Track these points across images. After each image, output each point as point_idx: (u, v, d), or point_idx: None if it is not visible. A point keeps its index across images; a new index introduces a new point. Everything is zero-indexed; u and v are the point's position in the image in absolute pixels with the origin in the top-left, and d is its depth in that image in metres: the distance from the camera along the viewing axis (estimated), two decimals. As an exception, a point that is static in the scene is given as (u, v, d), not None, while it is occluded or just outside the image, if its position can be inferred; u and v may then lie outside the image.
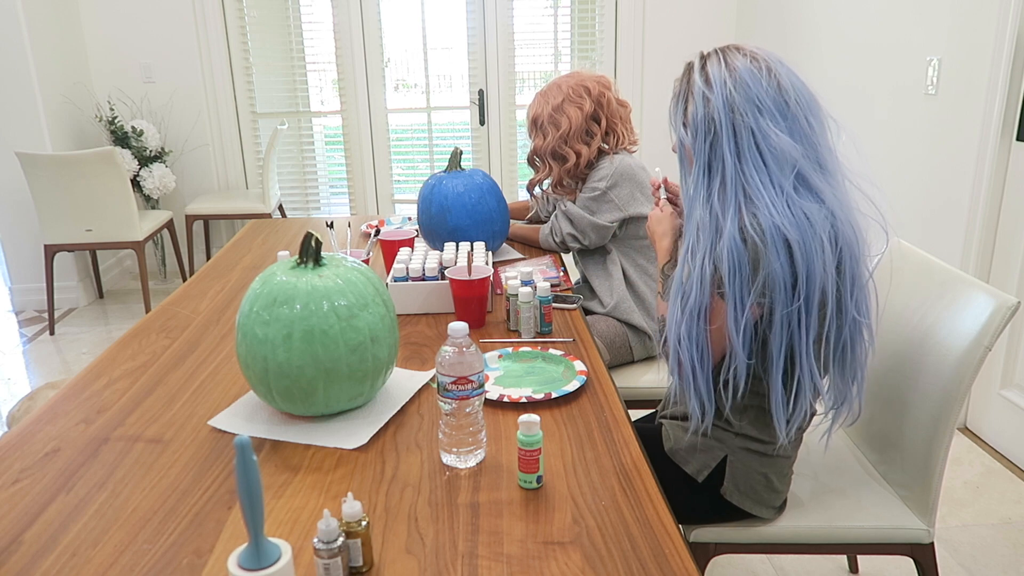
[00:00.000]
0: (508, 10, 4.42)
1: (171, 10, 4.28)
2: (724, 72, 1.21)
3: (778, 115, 1.20)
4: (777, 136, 1.19)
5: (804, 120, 1.21)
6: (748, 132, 1.19)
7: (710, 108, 1.21)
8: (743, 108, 1.19)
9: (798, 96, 1.21)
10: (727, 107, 1.20)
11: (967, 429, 2.69)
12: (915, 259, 1.60)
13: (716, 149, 1.21)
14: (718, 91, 1.20)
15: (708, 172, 1.23)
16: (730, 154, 1.20)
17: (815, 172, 1.21)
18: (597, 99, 2.13)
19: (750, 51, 1.23)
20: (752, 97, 1.19)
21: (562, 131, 2.11)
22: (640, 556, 0.97)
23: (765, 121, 1.19)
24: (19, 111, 3.83)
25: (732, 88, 1.20)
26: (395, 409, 1.35)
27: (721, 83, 1.20)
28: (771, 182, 1.19)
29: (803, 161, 1.20)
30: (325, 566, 0.91)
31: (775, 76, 1.21)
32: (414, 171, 4.82)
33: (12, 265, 4.16)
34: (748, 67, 1.21)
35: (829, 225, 1.19)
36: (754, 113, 1.19)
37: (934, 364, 1.41)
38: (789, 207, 1.17)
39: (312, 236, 1.29)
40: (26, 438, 1.30)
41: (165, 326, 1.79)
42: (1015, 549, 2.08)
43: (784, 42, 3.83)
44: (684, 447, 1.38)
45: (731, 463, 1.36)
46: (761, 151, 1.19)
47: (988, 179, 2.45)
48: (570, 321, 1.76)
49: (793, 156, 1.19)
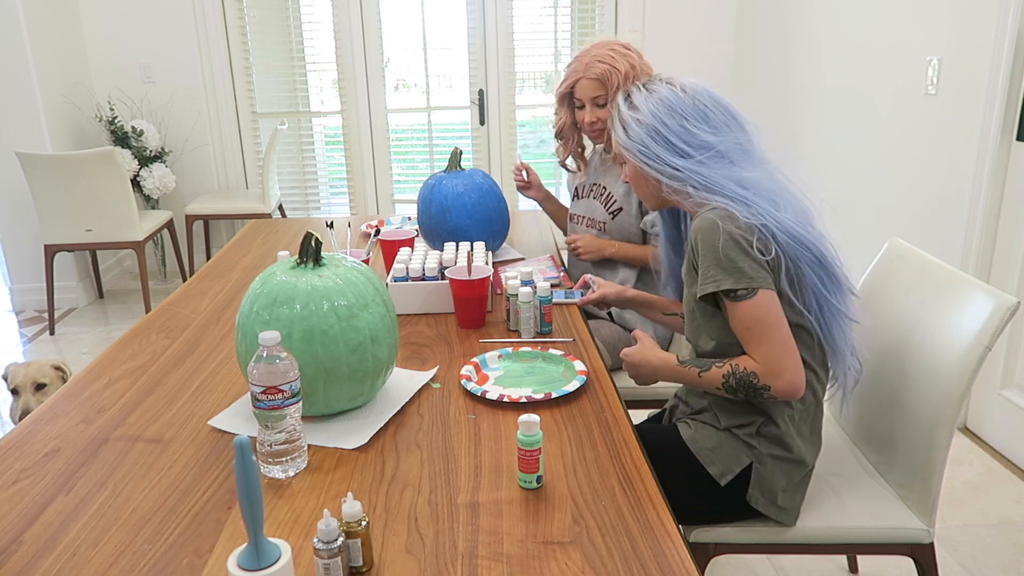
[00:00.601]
0: (508, 10, 4.42)
1: (171, 10, 4.28)
2: (646, 95, 1.42)
3: (700, 120, 1.38)
4: (707, 133, 1.37)
5: (724, 122, 1.39)
6: (679, 137, 1.37)
7: (641, 122, 1.40)
8: (667, 118, 1.38)
9: (715, 103, 1.40)
10: (656, 119, 1.38)
11: (967, 429, 2.69)
12: (915, 259, 1.60)
13: (663, 159, 1.38)
14: (645, 110, 1.40)
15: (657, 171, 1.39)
16: (676, 157, 1.37)
17: (747, 160, 1.38)
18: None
19: (668, 79, 1.44)
20: (675, 108, 1.38)
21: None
22: (640, 556, 0.97)
23: (691, 124, 1.37)
24: (19, 111, 3.83)
25: (655, 105, 1.39)
26: (395, 409, 1.35)
27: (644, 103, 1.41)
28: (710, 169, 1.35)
29: (735, 151, 1.37)
30: (325, 566, 0.91)
31: (690, 92, 1.40)
32: (414, 171, 4.82)
33: (12, 265, 4.16)
34: (666, 88, 1.41)
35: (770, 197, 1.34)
36: (680, 120, 1.38)
37: (934, 364, 1.41)
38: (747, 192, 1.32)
39: (312, 236, 1.29)
40: (26, 438, 1.30)
41: (165, 326, 1.79)
42: (1015, 549, 2.08)
43: (784, 42, 3.83)
44: (710, 446, 1.39)
45: (757, 470, 1.37)
46: (693, 147, 1.36)
47: (988, 179, 2.45)
48: (570, 321, 1.76)
49: (724, 148, 1.37)
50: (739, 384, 1.31)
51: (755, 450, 1.37)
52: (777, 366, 1.28)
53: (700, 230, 1.32)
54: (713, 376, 1.35)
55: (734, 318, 1.31)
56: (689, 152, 1.37)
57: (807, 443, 1.40)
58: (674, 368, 1.41)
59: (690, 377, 1.39)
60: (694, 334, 1.43)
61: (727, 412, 1.40)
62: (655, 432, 1.48)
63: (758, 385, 1.30)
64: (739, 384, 1.31)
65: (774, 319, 1.28)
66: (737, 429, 1.39)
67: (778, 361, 1.28)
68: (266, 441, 1.15)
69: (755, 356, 1.30)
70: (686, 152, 1.37)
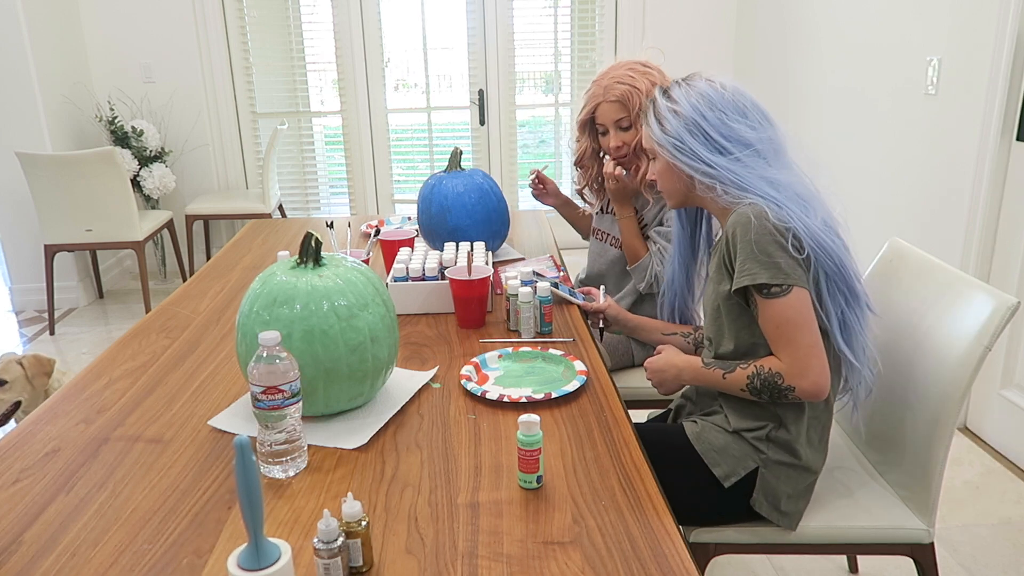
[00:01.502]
0: (508, 10, 4.42)
1: (171, 10, 4.28)
2: (686, 89, 1.40)
3: (739, 116, 1.37)
4: (743, 129, 1.36)
5: (760, 120, 1.38)
6: (717, 131, 1.35)
7: (680, 116, 1.38)
8: (707, 111, 1.36)
9: (752, 101, 1.39)
10: (696, 112, 1.36)
11: (967, 429, 2.69)
12: (915, 259, 1.60)
13: (698, 154, 1.36)
14: (684, 103, 1.38)
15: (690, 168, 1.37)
16: (713, 153, 1.35)
17: (779, 161, 1.38)
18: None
19: (707, 76, 1.41)
20: (715, 103, 1.37)
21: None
22: (640, 556, 0.97)
23: (730, 119, 1.36)
24: (19, 111, 3.83)
25: (696, 99, 1.37)
26: (395, 409, 1.35)
27: (684, 96, 1.39)
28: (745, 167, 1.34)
29: (769, 151, 1.36)
30: (325, 566, 0.91)
31: (730, 88, 1.39)
32: (414, 171, 4.82)
33: (12, 265, 4.16)
34: (705, 83, 1.39)
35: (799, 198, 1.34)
36: (719, 114, 1.36)
37: (934, 364, 1.41)
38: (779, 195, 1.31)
39: (312, 236, 1.29)
40: (26, 438, 1.30)
41: (165, 326, 1.79)
42: (1015, 549, 2.08)
43: (784, 42, 3.83)
44: (717, 447, 1.39)
45: (763, 475, 1.37)
46: (731, 142, 1.35)
47: (988, 179, 2.45)
48: (570, 321, 1.76)
49: (760, 146, 1.35)
50: (763, 385, 1.31)
51: (763, 455, 1.37)
52: (803, 366, 1.28)
53: (736, 224, 1.31)
54: (737, 377, 1.34)
55: (764, 316, 1.30)
56: (727, 148, 1.35)
57: (815, 451, 1.40)
58: (698, 370, 1.41)
59: (714, 379, 1.39)
60: (716, 334, 1.43)
61: (738, 414, 1.40)
62: (658, 431, 1.47)
63: (783, 386, 1.29)
64: (763, 385, 1.31)
65: (804, 319, 1.28)
66: (747, 432, 1.38)
67: (804, 361, 1.27)
68: (266, 441, 1.15)
69: (781, 356, 1.30)
70: (723, 148, 1.36)
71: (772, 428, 1.37)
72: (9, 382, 2.11)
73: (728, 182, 1.34)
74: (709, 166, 1.35)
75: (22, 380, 2.12)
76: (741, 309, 1.36)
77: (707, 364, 1.40)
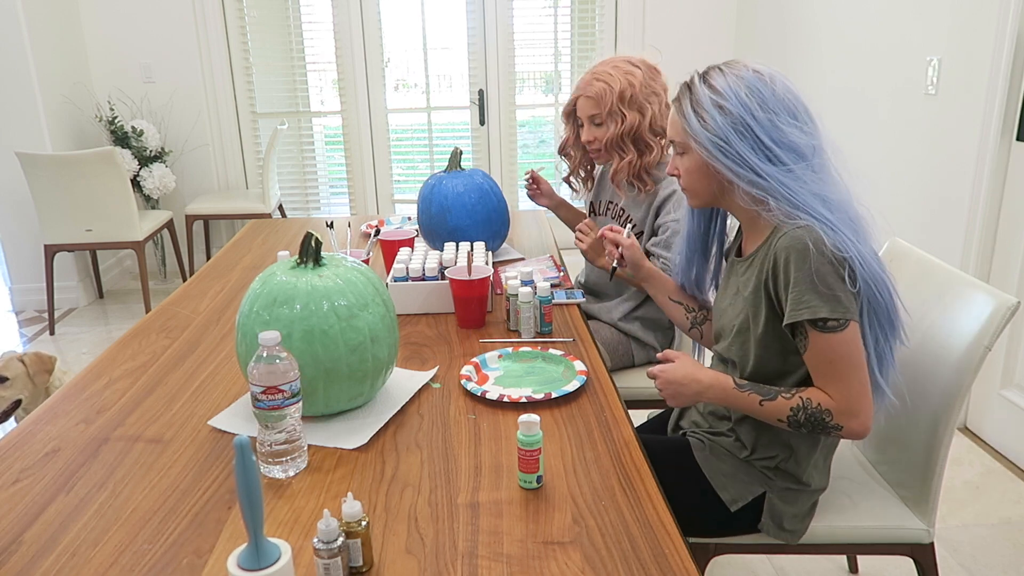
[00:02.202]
0: (508, 10, 4.42)
1: (171, 10, 4.28)
2: (732, 78, 1.24)
3: (791, 117, 1.23)
4: (796, 134, 1.22)
5: (808, 121, 1.25)
6: (768, 135, 1.21)
7: (726, 112, 1.22)
8: (758, 110, 1.22)
9: (802, 102, 1.26)
10: (745, 110, 1.21)
11: (967, 429, 2.69)
12: (915, 259, 1.60)
13: (747, 160, 1.22)
14: (732, 96, 1.22)
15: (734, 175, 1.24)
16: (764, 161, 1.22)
17: (826, 173, 1.26)
18: (665, 93, 1.90)
19: (749, 64, 1.27)
20: (766, 100, 1.22)
21: (650, 115, 1.87)
22: (640, 556, 0.97)
23: (781, 121, 1.22)
24: (19, 111, 3.83)
25: (746, 92, 1.22)
26: (395, 409, 1.35)
27: (730, 88, 1.23)
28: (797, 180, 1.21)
29: (817, 160, 1.24)
30: (325, 566, 0.91)
31: (779, 83, 1.25)
32: (414, 171, 4.82)
33: (12, 265, 4.16)
34: (752, 74, 1.25)
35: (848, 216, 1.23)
36: (770, 114, 1.22)
37: (934, 364, 1.41)
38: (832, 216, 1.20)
39: (312, 236, 1.29)
40: (26, 438, 1.30)
41: (165, 326, 1.79)
42: (1015, 549, 2.08)
43: (784, 42, 3.83)
44: (725, 471, 1.36)
45: (770, 500, 1.36)
46: (783, 149, 1.22)
47: (988, 179, 2.45)
48: (570, 321, 1.76)
49: (810, 151, 1.23)
50: (808, 419, 1.22)
51: (771, 481, 1.35)
52: (856, 406, 1.20)
53: (790, 249, 1.18)
54: (778, 407, 1.23)
55: (815, 349, 1.20)
56: (778, 156, 1.21)
57: (820, 472, 1.38)
58: (728, 391, 1.27)
59: (748, 404, 1.26)
60: (741, 356, 1.33)
61: (751, 442, 1.36)
62: (661, 443, 1.45)
63: (830, 423, 1.21)
64: (808, 419, 1.22)
65: (858, 356, 1.19)
66: (757, 460, 1.36)
67: (857, 401, 1.20)
68: (266, 441, 1.15)
69: (831, 392, 1.21)
70: (775, 156, 1.21)
71: (783, 459, 1.34)
72: (10, 379, 2.11)
73: (780, 197, 1.20)
74: (759, 176, 1.21)
75: (23, 377, 2.12)
76: (776, 335, 1.26)
77: (740, 386, 1.27)
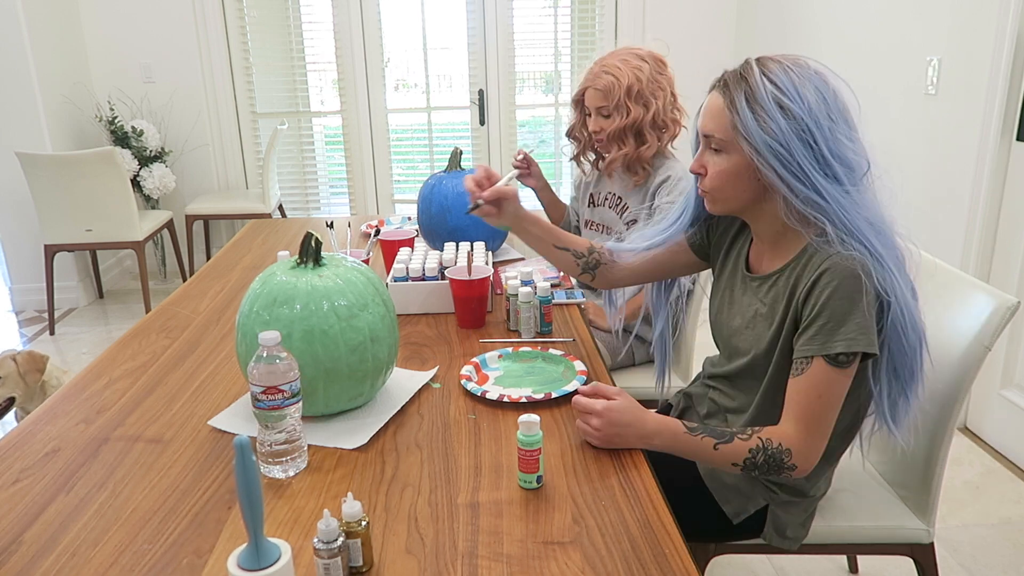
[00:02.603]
0: (508, 10, 4.42)
1: (171, 10, 4.28)
2: (794, 76, 1.11)
3: (847, 127, 1.13)
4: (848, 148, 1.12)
5: (855, 129, 1.16)
6: (828, 148, 1.10)
7: (790, 115, 1.09)
8: (825, 118, 1.10)
9: (850, 109, 1.16)
10: (810, 114, 1.09)
11: (967, 429, 2.69)
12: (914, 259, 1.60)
13: (808, 174, 1.10)
14: (798, 98, 1.09)
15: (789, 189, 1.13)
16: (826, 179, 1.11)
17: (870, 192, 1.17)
18: (671, 86, 1.92)
19: (804, 60, 1.15)
20: (832, 107, 1.11)
21: (653, 110, 1.90)
22: (640, 556, 0.97)
23: (841, 132, 1.11)
24: (19, 111, 3.83)
25: (813, 95, 1.10)
26: (395, 409, 1.35)
27: (795, 87, 1.10)
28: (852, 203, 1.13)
29: (865, 176, 1.16)
30: (325, 566, 0.91)
31: (840, 87, 1.15)
32: (414, 171, 4.82)
33: (12, 265, 4.16)
34: (816, 76, 1.13)
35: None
36: (831, 124, 1.10)
37: (934, 364, 1.41)
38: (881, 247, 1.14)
39: (312, 236, 1.29)
40: (26, 438, 1.30)
41: (165, 326, 1.79)
42: (1015, 549, 2.08)
43: (784, 42, 3.83)
44: (727, 484, 1.34)
45: (773, 512, 1.35)
46: (842, 165, 1.11)
47: (988, 179, 2.45)
48: (570, 321, 1.76)
49: (860, 168, 1.14)
50: (766, 461, 1.15)
51: (775, 495, 1.34)
52: (816, 449, 1.15)
53: (841, 278, 1.10)
54: (735, 450, 1.16)
55: (813, 380, 1.12)
56: (836, 174, 1.09)
57: (826, 481, 1.38)
58: (679, 437, 1.18)
59: (699, 449, 1.18)
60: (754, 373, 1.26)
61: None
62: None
63: (787, 464, 1.15)
64: (766, 461, 1.15)
65: (840, 399, 1.14)
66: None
67: (820, 444, 1.15)
68: (266, 441, 1.15)
69: (796, 431, 1.15)
70: (834, 173, 1.09)
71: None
72: (3, 377, 2.11)
73: (836, 220, 1.10)
74: (820, 195, 1.09)
75: (15, 376, 2.13)
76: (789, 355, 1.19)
77: (693, 430, 1.18)
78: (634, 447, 1.19)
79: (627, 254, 1.45)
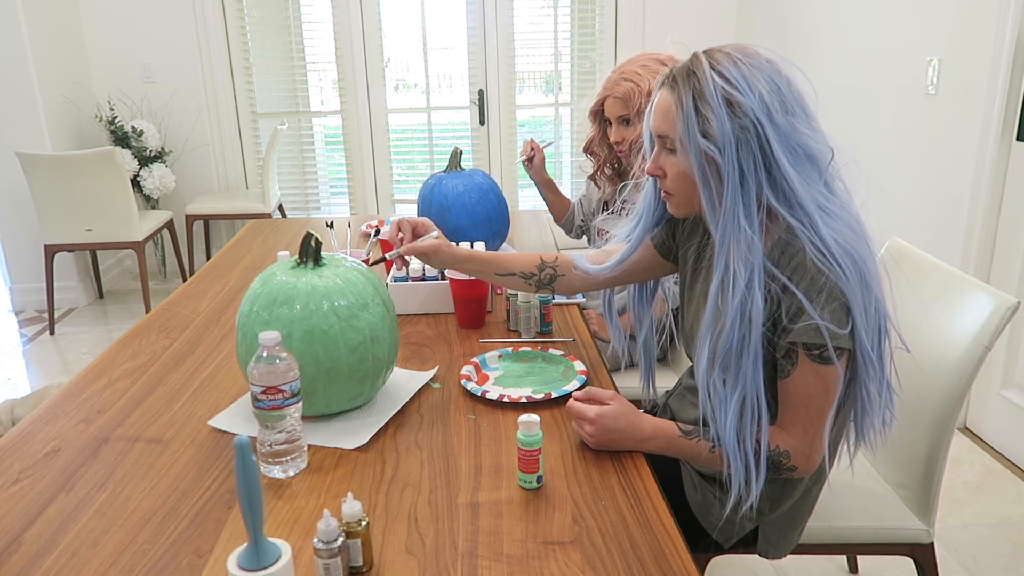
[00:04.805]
0: (508, 10, 4.42)
1: (171, 10, 4.28)
2: (747, 71, 1.06)
3: (804, 114, 1.08)
4: (808, 137, 1.07)
5: (814, 118, 1.11)
6: (783, 135, 1.06)
7: (739, 113, 1.05)
8: (775, 109, 1.05)
9: (801, 95, 1.10)
10: (761, 108, 1.05)
11: (967, 429, 2.69)
12: (914, 259, 1.60)
13: (749, 159, 1.06)
14: (746, 91, 1.05)
15: (742, 187, 1.07)
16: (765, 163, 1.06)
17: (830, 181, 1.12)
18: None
19: (754, 50, 1.10)
20: (786, 101, 1.07)
21: None
22: (640, 556, 0.97)
23: (797, 121, 1.07)
24: (19, 111, 3.83)
25: (767, 91, 1.06)
26: (395, 409, 1.35)
27: (748, 83, 1.05)
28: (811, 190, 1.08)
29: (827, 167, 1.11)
30: (325, 566, 0.91)
31: (784, 74, 1.10)
32: (414, 171, 4.82)
33: (12, 265, 4.15)
34: (767, 67, 1.08)
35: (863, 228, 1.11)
36: (785, 115, 1.06)
37: (934, 364, 1.41)
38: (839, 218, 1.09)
39: (312, 236, 1.29)
40: (26, 438, 1.30)
41: (165, 326, 1.79)
42: (1015, 549, 2.08)
43: (784, 42, 3.83)
44: (716, 513, 1.30)
45: (764, 530, 1.33)
46: (798, 155, 1.07)
47: (988, 179, 2.45)
48: (570, 321, 1.76)
49: (824, 157, 1.09)
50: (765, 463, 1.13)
51: (763, 516, 1.31)
52: (816, 447, 1.13)
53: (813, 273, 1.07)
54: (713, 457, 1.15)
55: (800, 378, 1.10)
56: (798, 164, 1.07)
57: (814, 493, 1.35)
58: (673, 441, 1.18)
59: (694, 453, 1.17)
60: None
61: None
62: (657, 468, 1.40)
63: (786, 465, 1.14)
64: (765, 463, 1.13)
65: (833, 395, 1.10)
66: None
67: (819, 442, 1.12)
68: (266, 441, 1.15)
69: (794, 431, 1.13)
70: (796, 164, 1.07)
71: (774, 502, 1.29)
72: None
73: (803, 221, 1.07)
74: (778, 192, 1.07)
75: None
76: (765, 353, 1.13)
77: (688, 433, 1.17)
78: (627, 449, 1.19)
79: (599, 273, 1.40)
